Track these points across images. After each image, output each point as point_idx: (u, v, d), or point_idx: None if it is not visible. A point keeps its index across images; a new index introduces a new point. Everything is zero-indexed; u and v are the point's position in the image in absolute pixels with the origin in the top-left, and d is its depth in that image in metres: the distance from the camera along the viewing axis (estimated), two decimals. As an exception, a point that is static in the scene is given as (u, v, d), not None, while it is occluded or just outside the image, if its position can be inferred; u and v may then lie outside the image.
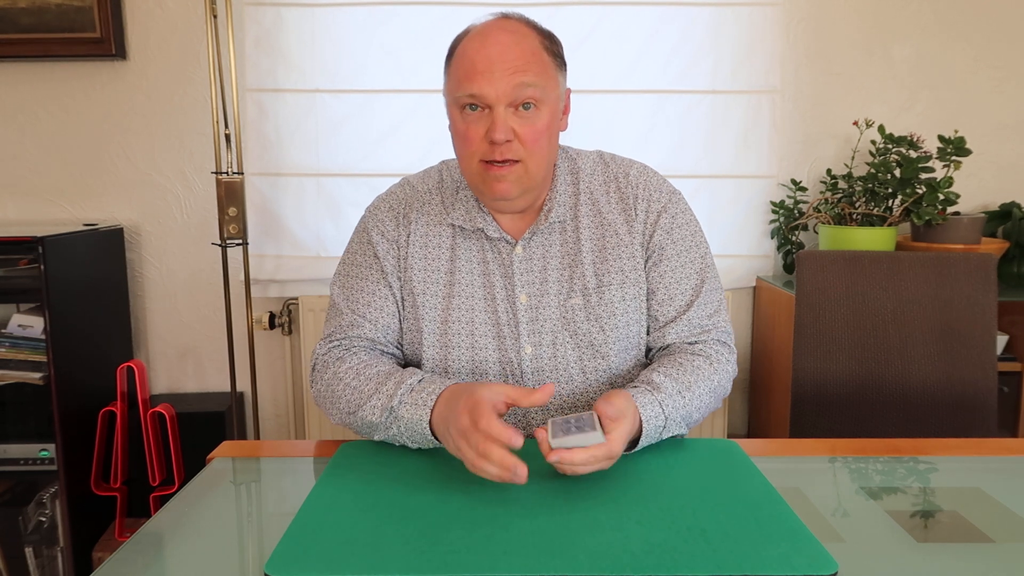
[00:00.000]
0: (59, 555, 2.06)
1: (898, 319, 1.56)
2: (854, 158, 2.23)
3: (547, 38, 1.09)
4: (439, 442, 1.00)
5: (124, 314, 2.29)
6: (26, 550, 2.05)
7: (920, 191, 2.02)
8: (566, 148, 1.22)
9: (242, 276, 2.18)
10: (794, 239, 2.27)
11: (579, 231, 1.16)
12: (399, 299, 1.17)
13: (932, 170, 2.02)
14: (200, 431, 2.14)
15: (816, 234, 2.26)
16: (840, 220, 2.12)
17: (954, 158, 2.01)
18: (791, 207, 2.25)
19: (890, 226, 2.05)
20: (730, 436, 2.39)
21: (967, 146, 2.00)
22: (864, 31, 2.26)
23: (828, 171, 2.21)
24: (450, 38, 1.12)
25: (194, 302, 2.34)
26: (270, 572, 0.74)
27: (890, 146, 2.07)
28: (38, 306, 2.01)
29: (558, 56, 1.10)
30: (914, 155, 2.02)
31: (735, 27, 2.22)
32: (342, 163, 2.24)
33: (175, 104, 2.24)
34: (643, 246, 1.16)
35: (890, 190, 2.06)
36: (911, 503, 0.94)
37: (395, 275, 1.17)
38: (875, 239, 2.02)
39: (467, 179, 1.13)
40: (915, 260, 1.57)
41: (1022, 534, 0.85)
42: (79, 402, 2.01)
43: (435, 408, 0.99)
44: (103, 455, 2.05)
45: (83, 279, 2.05)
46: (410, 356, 1.20)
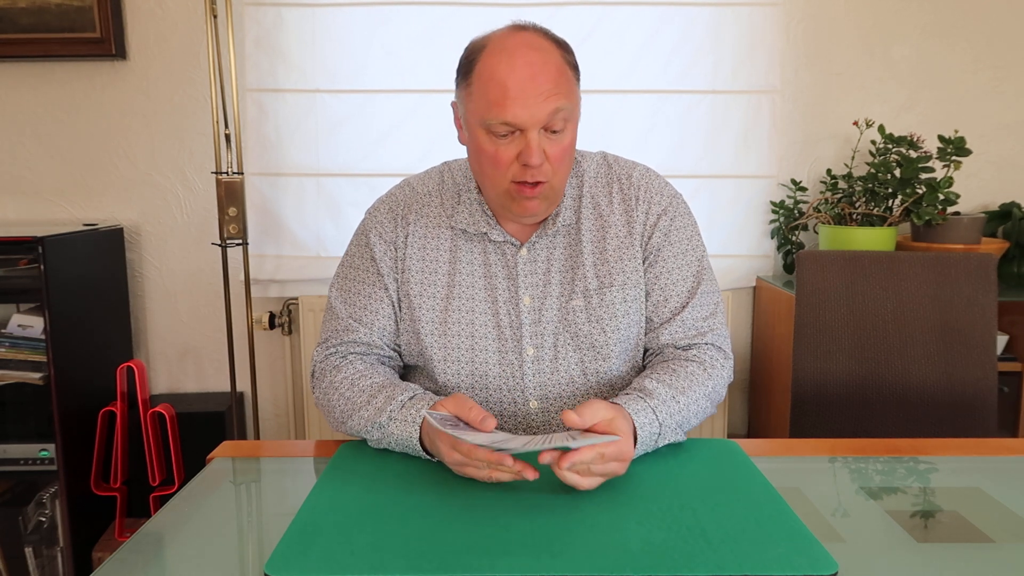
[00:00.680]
0: (59, 555, 2.06)
1: (898, 319, 1.56)
2: (854, 158, 2.23)
3: (565, 50, 1.07)
4: (432, 458, 1.00)
5: (124, 314, 2.29)
6: (26, 550, 2.05)
7: (920, 191, 2.02)
8: None
9: (242, 276, 2.18)
10: (794, 239, 2.27)
11: (581, 233, 1.16)
12: (395, 301, 1.17)
13: (932, 170, 2.02)
14: (200, 431, 2.14)
15: (816, 234, 2.26)
16: (840, 220, 2.12)
17: (954, 158, 2.01)
18: (791, 207, 2.25)
19: (890, 226, 2.05)
20: (730, 436, 2.39)
21: (967, 146, 2.00)
22: (864, 31, 2.26)
23: (828, 171, 2.21)
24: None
25: (194, 302, 2.34)
26: (270, 572, 0.74)
27: (890, 146, 2.07)
28: (38, 306, 2.01)
29: (575, 69, 1.08)
30: (914, 155, 2.02)
31: (735, 27, 2.22)
32: (342, 163, 2.24)
33: (175, 104, 2.24)
34: (642, 247, 1.16)
35: (890, 190, 2.06)
36: (911, 503, 0.94)
37: (392, 277, 1.17)
38: (875, 239, 2.02)
39: (492, 197, 1.11)
40: (915, 260, 1.57)
41: (1022, 534, 0.85)
42: (79, 402, 2.01)
43: (424, 424, 1.00)
44: (103, 455, 2.05)
45: (83, 279, 2.05)
46: (408, 359, 1.20)
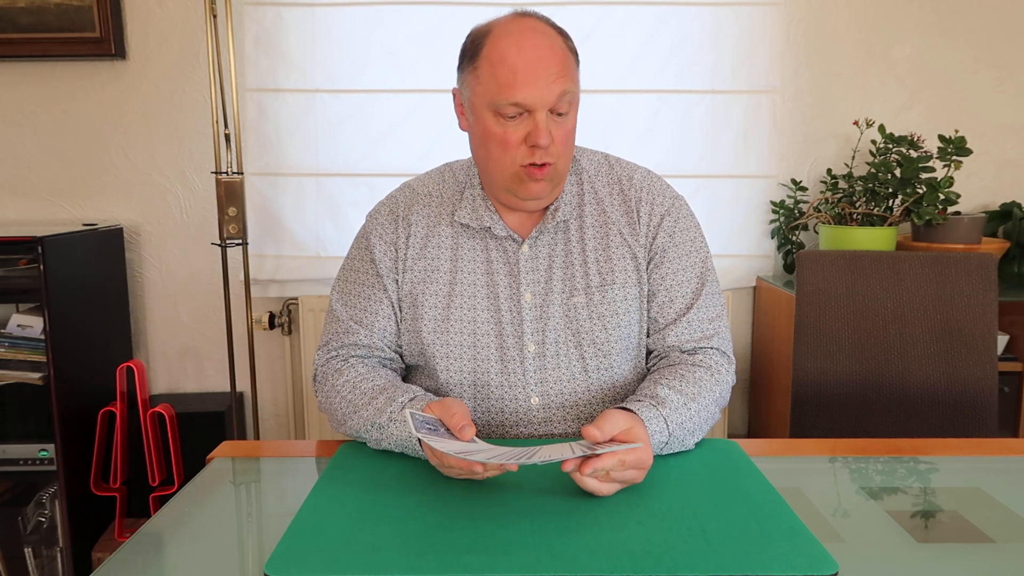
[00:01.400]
0: (59, 555, 2.06)
1: (898, 319, 1.56)
2: (854, 158, 2.23)
3: (566, 37, 1.11)
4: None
5: (124, 314, 2.29)
6: (26, 550, 2.05)
7: (920, 191, 2.02)
8: None
9: (242, 276, 2.18)
10: (794, 239, 2.27)
11: (583, 230, 1.16)
12: (396, 302, 1.17)
13: (932, 170, 2.02)
14: (200, 431, 2.14)
15: (816, 234, 2.26)
16: (840, 220, 2.11)
17: (954, 158, 2.01)
18: (791, 207, 2.25)
19: (890, 226, 2.05)
20: (730, 436, 2.39)
21: (967, 146, 2.00)
22: (864, 31, 2.26)
23: (828, 171, 2.21)
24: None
25: (194, 302, 2.34)
26: (270, 572, 0.74)
27: (890, 146, 2.07)
28: (38, 306, 2.01)
29: (576, 54, 1.11)
30: (914, 155, 2.02)
31: (735, 27, 2.22)
32: (342, 163, 2.24)
33: (175, 104, 2.24)
34: (646, 248, 1.16)
35: (890, 190, 2.06)
36: (911, 503, 0.94)
37: (392, 278, 1.17)
38: (875, 239, 2.02)
39: (497, 181, 1.11)
40: (915, 260, 1.57)
41: (1022, 534, 0.85)
42: (79, 402, 2.01)
43: None
44: (103, 455, 2.05)
45: (83, 279, 2.05)
46: (409, 359, 1.20)
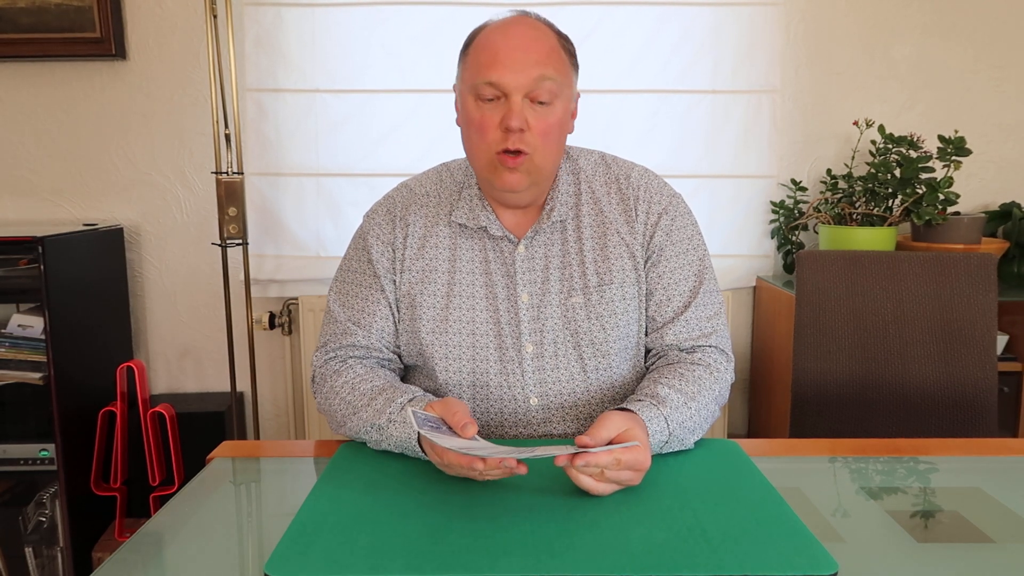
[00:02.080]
0: (59, 555, 2.06)
1: (898, 319, 1.56)
2: (854, 158, 2.23)
3: (564, 39, 1.12)
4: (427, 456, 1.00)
5: (124, 314, 2.29)
6: (26, 550, 2.05)
7: (920, 191, 2.02)
8: (567, 148, 1.22)
9: (242, 276, 2.18)
10: (794, 239, 2.27)
11: (581, 230, 1.16)
12: (393, 303, 1.17)
13: (932, 170, 2.02)
14: (200, 431, 2.13)
15: (816, 234, 2.26)
16: (840, 220, 2.11)
17: (954, 158, 2.01)
18: (791, 207, 2.25)
19: (890, 226, 2.05)
20: (730, 436, 2.39)
21: (967, 146, 2.00)
22: (864, 31, 2.26)
23: (828, 171, 2.21)
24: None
25: (194, 302, 2.34)
26: (270, 572, 0.74)
27: (890, 146, 2.07)
28: (38, 306, 2.01)
29: (573, 56, 1.12)
30: (914, 155, 2.02)
31: (735, 27, 2.22)
32: (342, 163, 2.24)
33: (175, 104, 2.24)
34: (643, 247, 1.16)
35: (890, 190, 2.06)
36: (911, 503, 0.94)
37: (389, 279, 1.17)
38: (875, 239, 2.02)
39: (477, 171, 1.13)
40: (915, 260, 1.57)
41: (1022, 534, 0.85)
42: (79, 402, 2.01)
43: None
44: (103, 455, 2.05)
45: (83, 279, 2.05)
46: (408, 359, 1.20)
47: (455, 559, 0.76)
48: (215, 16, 1.97)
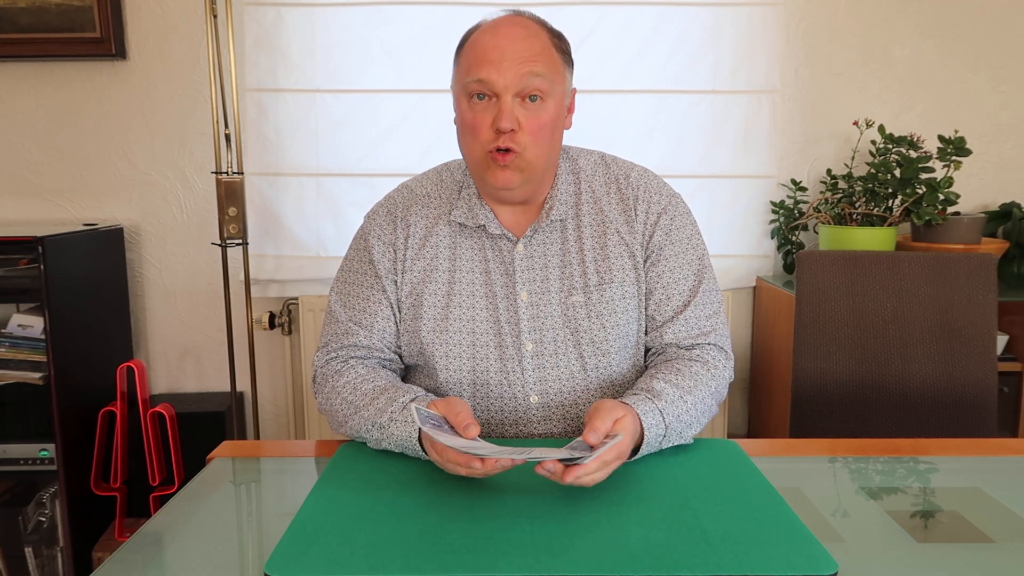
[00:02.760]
0: (59, 555, 2.06)
1: (898, 319, 1.56)
2: (854, 158, 2.23)
3: (556, 36, 1.12)
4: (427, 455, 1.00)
5: (124, 314, 2.29)
6: (26, 550, 2.05)
7: (920, 191, 2.02)
8: (567, 148, 1.22)
9: (242, 276, 2.18)
10: (794, 239, 2.27)
11: (581, 229, 1.16)
12: (394, 303, 1.18)
13: (932, 170, 2.02)
14: (200, 431, 2.14)
15: (816, 234, 2.26)
16: (840, 220, 2.12)
17: (954, 158, 2.01)
18: (791, 207, 2.25)
19: (890, 226, 2.05)
20: (730, 436, 2.39)
21: (967, 146, 2.00)
22: (864, 31, 2.26)
23: (828, 171, 2.21)
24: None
25: (194, 302, 2.34)
26: (270, 572, 0.74)
27: (890, 146, 2.07)
28: (38, 306, 2.01)
29: (566, 54, 1.12)
30: (914, 155, 2.02)
31: (735, 27, 2.22)
32: (342, 163, 2.24)
33: (175, 104, 2.24)
34: (643, 246, 1.16)
35: (890, 190, 2.06)
36: (911, 503, 0.94)
37: (391, 279, 1.17)
38: (875, 239, 2.02)
39: (471, 170, 1.14)
40: (915, 260, 1.57)
41: (1022, 534, 0.85)
42: (79, 402, 2.01)
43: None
44: (103, 455, 2.05)
45: (83, 279, 2.05)
46: (408, 359, 1.20)
47: (455, 559, 0.76)
48: (215, 16, 1.97)
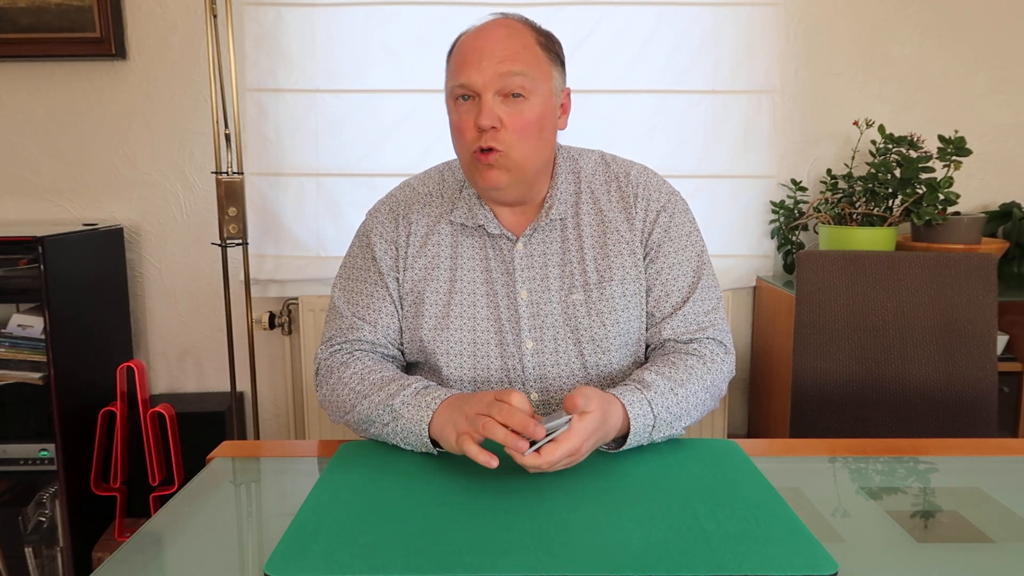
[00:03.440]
0: (59, 555, 2.06)
1: (898, 319, 1.56)
2: (854, 158, 2.23)
3: (543, 35, 1.11)
4: (433, 447, 1.01)
5: (124, 314, 2.29)
6: (26, 550, 2.05)
7: (920, 191, 2.02)
8: (567, 148, 1.23)
9: (242, 276, 2.18)
10: (794, 239, 2.27)
11: (580, 228, 1.17)
12: (397, 300, 1.18)
13: (932, 170, 2.02)
14: (200, 431, 2.14)
15: (816, 234, 2.26)
16: (840, 220, 2.12)
17: (954, 158, 2.01)
18: (791, 207, 2.25)
19: (890, 226, 2.05)
20: (730, 436, 2.39)
21: (967, 146, 2.00)
22: (864, 31, 2.26)
23: (828, 171, 2.21)
24: (450, 38, 1.14)
25: (194, 302, 2.34)
26: (270, 572, 0.74)
27: (890, 146, 2.07)
28: (38, 306, 2.01)
29: (553, 52, 1.12)
30: (914, 155, 2.02)
31: (735, 27, 2.22)
32: (342, 163, 2.24)
33: (175, 104, 2.24)
34: (642, 243, 1.17)
35: (890, 190, 2.06)
36: (911, 503, 0.94)
37: (393, 276, 1.18)
38: (875, 239, 2.02)
39: (464, 172, 1.15)
40: (915, 260, 1.57)
41: (1022, 534, 0.85)
42: (79, 402, 2.01)
43: (437, 411, 1.00)
44: (103, 455, 2.05)
45: (83, 279, 2.05)
46: (410, 356, 1.21)
47: (455, 559, 0.76)
48: (215, 16, 1.97)
